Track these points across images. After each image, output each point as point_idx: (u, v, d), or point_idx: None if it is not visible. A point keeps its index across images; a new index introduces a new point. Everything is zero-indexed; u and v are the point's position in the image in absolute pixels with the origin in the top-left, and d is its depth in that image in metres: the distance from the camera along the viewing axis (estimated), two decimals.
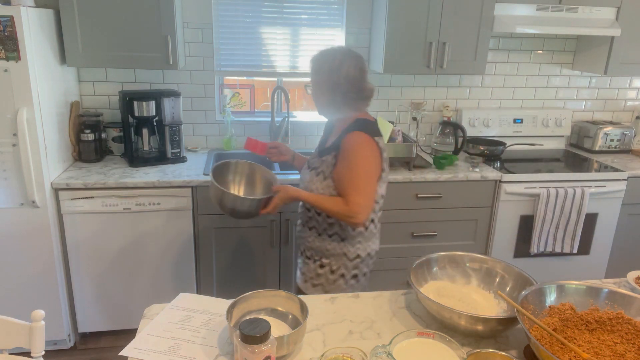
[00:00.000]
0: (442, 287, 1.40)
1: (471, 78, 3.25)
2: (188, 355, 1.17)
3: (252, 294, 1.30)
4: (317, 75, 1.72)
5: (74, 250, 2.49)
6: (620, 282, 1.58)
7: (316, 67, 1.73)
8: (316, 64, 1.72)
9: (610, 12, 2.89)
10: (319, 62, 1.71)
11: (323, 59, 1.71)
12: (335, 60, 1.68)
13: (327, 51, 1.73)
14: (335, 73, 1.67)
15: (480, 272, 1.45)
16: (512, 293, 1.37)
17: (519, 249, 2.89)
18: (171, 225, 2.54)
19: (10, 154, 2.27)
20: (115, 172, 2.54)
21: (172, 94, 2.77)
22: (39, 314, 1.33)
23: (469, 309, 1.31)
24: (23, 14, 2.12)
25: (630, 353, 1.11)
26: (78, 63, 2.54)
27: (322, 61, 1.71)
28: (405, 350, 1.07)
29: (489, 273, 1.44)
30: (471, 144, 3.06)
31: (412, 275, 1.36)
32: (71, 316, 2.62)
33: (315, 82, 1.74)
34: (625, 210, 2.94)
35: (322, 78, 1.70)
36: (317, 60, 1.72)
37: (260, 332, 1.00)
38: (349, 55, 1.69)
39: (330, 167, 1.72)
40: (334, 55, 1.69)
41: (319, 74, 1.71)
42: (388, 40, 2.73)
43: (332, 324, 1.33)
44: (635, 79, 3.45)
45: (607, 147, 3.27)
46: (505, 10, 2.79)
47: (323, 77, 1.70)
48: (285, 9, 2.94)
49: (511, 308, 1.29)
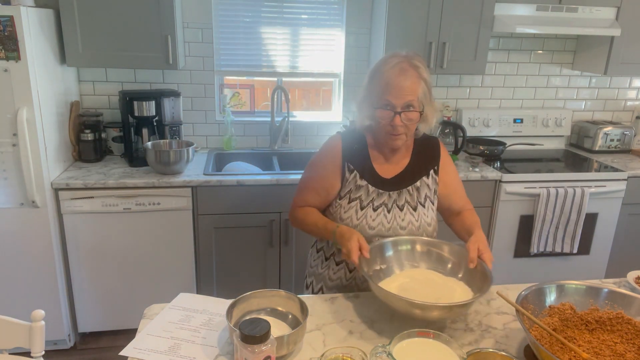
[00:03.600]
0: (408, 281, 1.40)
1: (471, 78, 3.25)
2: (188, 355, 1.17)
3: (252, 294, 1.30)
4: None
5: (74, 250, 2.49)
6: (620, 282, 1.58)
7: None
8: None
9: (610, 12, 2.89)
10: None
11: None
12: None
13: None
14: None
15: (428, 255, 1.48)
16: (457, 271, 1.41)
17: (519, 249, 2.89)
18: (171, 225, 2.54)
19: (10, 154, 2.27)
20: (115, 172, 2.54)
21: (172, 93, 2.77)
22: (39, 314, 1.33)
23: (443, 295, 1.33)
24: (23, 14, 2.12)
25: (630, 353, 1.11)
26: (78, 63, 2.54)
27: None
28: (405, 350, 1.07)
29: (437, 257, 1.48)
30: (471, 144, 3.06)
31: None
32: (71, 316, 2.62)
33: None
34: (625, 210, 2.94)
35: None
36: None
37: (260, 332, 1.00)
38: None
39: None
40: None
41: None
42: (388, 40, 2.73)
43: (332, 324, 1.33)
44: (635, 79, 3.44)
45: (607, 147, 3.26)
46: (505, 10, 2.79)
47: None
48: (285, 8, 2.94)
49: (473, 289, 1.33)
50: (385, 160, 1.58)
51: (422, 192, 1.57)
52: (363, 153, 1.57)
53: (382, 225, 1.52)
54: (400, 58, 1.44)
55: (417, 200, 1.56)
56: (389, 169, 1.57)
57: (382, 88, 1.43)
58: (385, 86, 1.42)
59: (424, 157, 1.60)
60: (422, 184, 1.58)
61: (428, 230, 1.57)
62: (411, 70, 1.42)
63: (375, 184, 1.54)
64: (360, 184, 1.54)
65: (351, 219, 1.52)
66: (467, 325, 1.34)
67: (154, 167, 2.55)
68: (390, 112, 1.43)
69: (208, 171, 2.61)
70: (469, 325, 1.34)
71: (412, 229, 1.54)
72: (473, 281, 1.36)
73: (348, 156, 1.56)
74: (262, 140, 3.12)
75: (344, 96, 3.14)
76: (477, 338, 1.28)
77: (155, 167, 2.54)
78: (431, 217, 1.58)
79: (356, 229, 1.50)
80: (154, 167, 2.55)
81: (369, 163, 1.56)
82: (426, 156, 1.61)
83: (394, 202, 1.54)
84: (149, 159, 2.53)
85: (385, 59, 1.47)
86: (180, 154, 2.51)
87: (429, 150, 1.62)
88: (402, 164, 1.58)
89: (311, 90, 3.24)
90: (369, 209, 1.53)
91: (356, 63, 3.09)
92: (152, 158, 2.51)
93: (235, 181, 2.51)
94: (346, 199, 1.54)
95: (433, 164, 1.61)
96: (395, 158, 1.58)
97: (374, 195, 1.53)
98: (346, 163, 1.55)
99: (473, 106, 3.32)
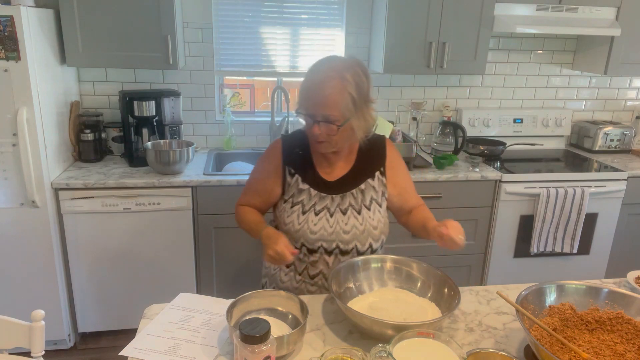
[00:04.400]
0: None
1: (471, 78, 3.25)
2: (188, 355, 1.17)
3: (252, 294, 1.30)
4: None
5: (74, 250, 2.49)
6: (620, 282, 1.58)
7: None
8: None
9: (610, 12, 2.88)
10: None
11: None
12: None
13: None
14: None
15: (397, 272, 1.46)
16: (426, 291, 1.39)
17: (519, 249, 2.89)
18: (171, 225, 2.54)
19: (10, 154, 2.27)
20: (115, 172, 2.54)
21: (172, 93, 2.77)
22: (39, 314, 1.33)
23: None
24: (23, 14, 2.12)
25: (630, 353, 1.11)
26: (78, 63, 2.54)
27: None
28: (405, 350, 1.07)
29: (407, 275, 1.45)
30: (471, 144, 3.06)
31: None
32: (71, 316, 2.62)
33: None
34: (625, 210, 2.94)
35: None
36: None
37: (260, 332, 1.00)
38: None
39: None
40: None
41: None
42: (388, 40, 2.73)
43: (332, 324, 1.33)
44: (635, 79, 3.44)
45: (607, 147, 3.26)
46: (505, 10, 2.79)
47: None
48: (285, 8, 2.94)
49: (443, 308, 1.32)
50: (328, 164, 1.54)
51: (367, 195, 1.53)
52: (305, 156, 1.54)
53: (324, 230, 1.49)
54: (331, 66, 1.38)
55: (361, 203, 1.52)
56: (333, 172, 1.54)
57: (304, 94, 1.39)
58: (307, 93, 1.38)
59: (369, 158, 1.56)
60: (367, 187, 1.54)
61: (374, 234, 1.53)
62: (336, 81, 1.35)
63: (317, 188, 1.51)
64: (302, 187, 1.52)
65: (293, 223, 1.50)
66: (467, 325, 1.34)
67: (154, 167, 2.55)
68: (309, 119, 1.40)
69: (208, 171, 2.61)
70: (469, 325, 1.34)
71: (356, 233, 1.50)
72: (441, 300, 1.34)
73: (288, 160, 1.54)
74: (262, 140, 3.12)
75: None
76: (477, 338, 1.28)
77: (155, 167, 2.54)
78: (377, 220, 1.53)
79: (298, 234, 1.49)
80: (154, 167, 2.55)
81: (311, 166, 1.53)
82: (371, 157, 1.57)
83: (337, 206, 1.51)
84: (149, 159, 2.53)
85: (318, 63, 1.41)
86: (180, 154, 2.51)
87: (375, 151, 1.57)
88: (346, 166, 1.55)
89: None
90: (311, 213, 1.50)
91: None
92: (152, 158, 2.51)
93: (235, 181, 2.51)
94: (289, 203, 1.52)
95: (379, 165, 1.56)
96: (339, 161, 1.54)
97: (316, 199, 1.50)
98: (286, 167, 1.54)
99: (473, 106, 3.32)
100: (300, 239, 1.51)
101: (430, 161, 2.90)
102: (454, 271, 2.86)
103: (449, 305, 1.27)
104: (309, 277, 1.55)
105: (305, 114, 1.41)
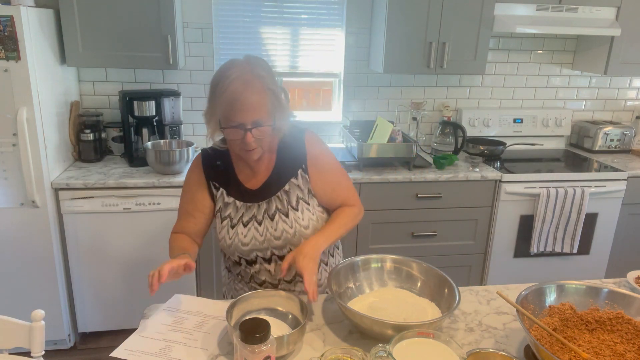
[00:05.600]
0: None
1: (471, 78, 3.25)
2: (178, 357, 1.16)
3: (252, 294, 1.30)
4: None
5: (74, 250, 2.49)
6: (620, 282, 1.58)
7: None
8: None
9: (610, 12, 2.88)
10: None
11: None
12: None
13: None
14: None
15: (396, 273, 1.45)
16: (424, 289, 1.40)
17: (519, 249, 2.89)
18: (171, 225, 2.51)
19: (10, 154, 2.27)
20: (115, 172, 2.54)
21: (172, 93, 2.77)
22: (39, 314, 1.33)
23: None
24: (23, 14, 2.12)
25: (630, 353, 1.11)
26: (78, 63, 2.54)
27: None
28: (405, 350, 1.07)
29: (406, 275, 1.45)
30: (471, 144, 3.06)
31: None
32: (71, 316, 2.62)
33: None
34: (625, 210, 2.94)
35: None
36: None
37: (260, 332, 1.00)
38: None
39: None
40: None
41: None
42: (388, 40, 2.73)
43: (332, 324, 1.33)
44: (635, 79, 3.44)
45: (607, 147, 3.26)
46: (505, 10, 2.79)
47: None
48: (285, 8, 2.94)
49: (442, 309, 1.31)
50: (251, 171, 1.49)
51: (292, 196, 1.46)
52: (227, 168, 1.49)
53: (255, 240, 1.45)
54: (241, 69, 1.30)
55: (287, 205, 1.45)
56: (256, 179, 1.48)
57: (227, 106, 1.28)
58: (230, 104, 1.28)
59: (290, 157, 1.48)
60: (292, 187, 1.47)
61: (306, 234, 1.45)
62: (255, 81, 1.29)
63: (242, 198, 1.47)
64: (228, 201, 1.48)
65: (224, 238, 1.48)
66: (467, 325, 1.34)
67: (154, 167, 2.55)
68: (240, 130, 1.31)
69: None
70: (469, 325, 1.34)
71: (287, 236, 1.44)
72: (441, 300, 1.34)
73: (211, 174, 1.49)
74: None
75: (344, 96, 3.14)
76: (477, 338, 1.28)
77: (155, 167, 2.54)
78: (308, 219, 1.46)
79: (231, 249, 1.47)
80: (154, 167, 2.55)
81: (234, 177, 1.48)
82: (291, 156, 1.48)
83: (264, 213, 1.45)
84: (149, 159, 2.53)
85: (224, 72, 1.31)
86: (180, 154, 2.51)
87: (294, 149, 1.49)
88: (268, 170, 1.48)
89: (311, 90, 3.24)
90: (239, 225, 1.46)
91: (356, 63, 3.09)
92: (152, 158, 2.51)
93: None
94: (219, 218, 1.49)
95: (300, 162, 1.48)
96: (261, 166, 1.48)
97: (243, 210, 1.46)
98: (211, 182, 1.49)
99: (473, 106, 3.32)
100: (234, 252, 1.48)
101: (430, 161, 2.90)
102: (454, 271, 2.86)
103: (449, 305, 1.27)
104: (257, 284, 1.54)
105: (234, 126, 1.31)
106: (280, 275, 1.35)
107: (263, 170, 1.48)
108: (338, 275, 1.38)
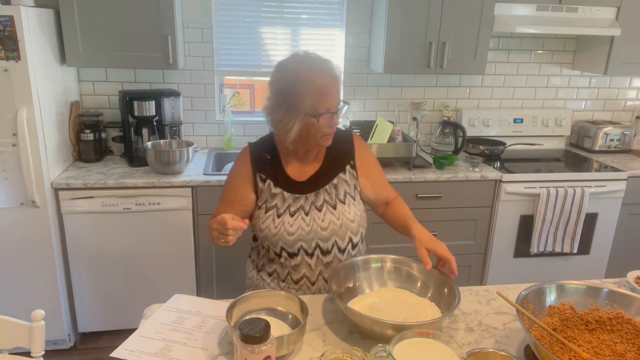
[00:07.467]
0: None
1: (471, 78, 3.25)
2: (179, 357, 1.16)
3: (252, 294, 1.30)
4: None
5: (74, 250, 2.49)
6: (620, 282, 1.58)
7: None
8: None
9: (610, 12, 2.88)
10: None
11: None
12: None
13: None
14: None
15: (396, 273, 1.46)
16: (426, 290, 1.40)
17: (519, 249, 2.89)
18: (171, 225, 2.54)
19: (10, 154, 2.27)
20: (115, 172, 2.54)
21: (172, 93, 2.77)
22: (39, 314, 1.33)
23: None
24: (23, 14, 2.12)
25: (630, 353, 1.11)
26: (78, 63, 2.54)
27: None
28: (405, 350, 1.07)
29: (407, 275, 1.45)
30: (471, 144, 3.06)
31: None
32: (71, 316, 2.62)
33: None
34: (625, 210, 2.94)
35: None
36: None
37: (260, 332, 1.00)
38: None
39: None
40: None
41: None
42: (388, 40, 2.73)
43: (332, 324, 1.33)
44: (635, 79, 3.44)
45: (607, 147, 3.26)
46: (505, 10, 2.79)
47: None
48: (285, 8, 2.94)
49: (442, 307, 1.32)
50: (299, 163, 1.55)
51: (340, 189, 1.54)
52: (275, 161, 1.54)
53: (302, 229, 1.49)
54: (311, 60, 1.41)
55: (335, 198, 1.52)
56: (304, 172, 1.54)
57: (316, 95, 1.37)
58: (319, 93, 1.38)
59: (338, 153, 1.58)
60: (340, 181, 1.55)
61: (352, 227, 1.52)
62: (330, 70, 1.41)
63: (290, 190, 1.51)
64: (275, 192, 1.51)
65: (269, 228, 1.49)
66: (467, 325, 1.34)
67: (154, 167, 2.55)
68: (327, 116, 1.41)
69: (208, 171, 2.61)
70: (469, 325, 1.34)
71: (334, 228, 1.50)
72: (441, 300, 1.34)
73: (258, 166, 1.53)
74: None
75: (344, 96, 3.14)
76: (477, 338, 1.28)
77: (155, 167, 2.54)
78: (354, 213, 1.53)
79: (275, 238, 1.49)
80: (154, 167, 2.55)
81: (281, 170, 1.53)
82: (340, 152, 1.58)
83: (311, 204, 1.51)
84: (149, 159, 2.53)
85: (298, 67, 1.40)
86: (180, 154, 2.51)
87: (343, 145, 1.59)
88: (316, 164, 1.56)
89: None
90: (286, 215, 1.49)
91: (356, 63, 3.09)
92: (152, 158, 2.51)
93: None
94: (263, 209, 1.51)
95: (348, 158, 1.58)
96: (309, 159, 1.55)
97: (290, 200, 1.51)
98: (257, 174, 1.53)
99: (473, 106, 3.32)
100: (278, 242, 1.49)
101: (430, 161, 2.90)
102: None
103: (449, 305, 1.27)
104: (292, 282, 1.54)
105: (323, 113, 1.39)
106: (427, 267, 1.34)
107: (311, 163, 1.56)
108: (338, 275, 1.38)
